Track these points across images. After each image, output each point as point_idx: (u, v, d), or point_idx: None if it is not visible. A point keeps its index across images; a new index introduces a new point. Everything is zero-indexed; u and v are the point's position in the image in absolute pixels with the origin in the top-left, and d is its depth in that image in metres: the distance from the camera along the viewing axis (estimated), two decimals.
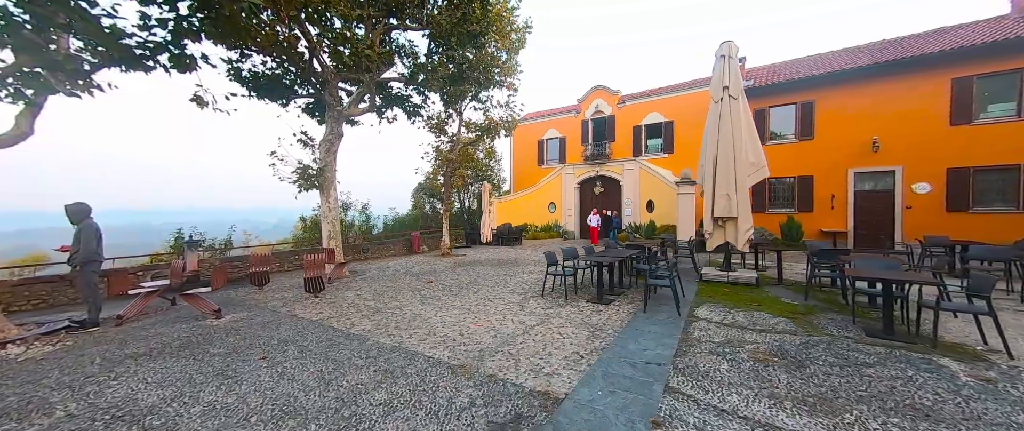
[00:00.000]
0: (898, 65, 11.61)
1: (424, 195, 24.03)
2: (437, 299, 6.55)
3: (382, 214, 16.07)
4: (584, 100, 19.43)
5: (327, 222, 9.17)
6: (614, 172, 17.93)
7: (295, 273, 9.82)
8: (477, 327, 4.89)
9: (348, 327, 5.06)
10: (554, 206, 20.10)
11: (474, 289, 7.31)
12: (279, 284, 8.41)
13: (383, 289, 7.58)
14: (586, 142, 19.28)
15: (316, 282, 6.79)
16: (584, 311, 5.49)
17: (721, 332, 4.41)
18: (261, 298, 7.06)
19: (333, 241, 9.19)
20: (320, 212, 10.04)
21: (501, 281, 8.06)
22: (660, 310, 5.43)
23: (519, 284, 7.65)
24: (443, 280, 8.42)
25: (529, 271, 9.25)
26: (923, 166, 11.36)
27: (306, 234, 13.53)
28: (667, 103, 16.75)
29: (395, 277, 8.98)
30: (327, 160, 9.12)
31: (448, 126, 13.70)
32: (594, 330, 4.62)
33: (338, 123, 9.28)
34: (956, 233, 10.28)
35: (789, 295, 6.18)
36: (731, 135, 7.20)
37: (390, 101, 10.77)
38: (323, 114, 10.18)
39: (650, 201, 16.55)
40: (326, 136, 9.21)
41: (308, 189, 8.84)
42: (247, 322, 5.42)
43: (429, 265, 10.86)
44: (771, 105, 14.04)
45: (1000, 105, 10.50)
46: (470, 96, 11.05)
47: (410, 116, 11.13)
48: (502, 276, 8.64)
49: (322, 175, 8.94)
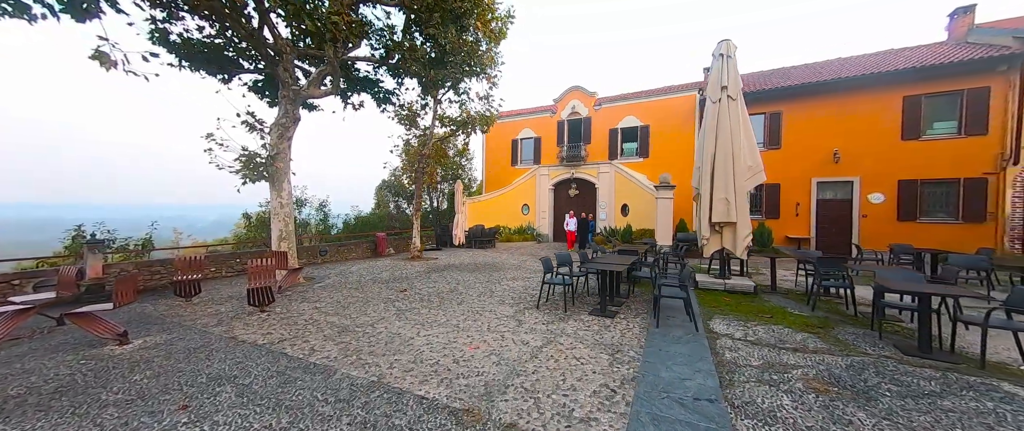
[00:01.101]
0: (857, 81, 12.32)
1: (388, 194, 22.45)
2: (416, 312, 5.58)
3: (343, 212, 14.52)
4: (561, 100, 19.07)
5: (278, 220, 7.79)
6: (590, 174, 17.68)
7: (237, 280, 8.28)
8: (474, 350, 4.05)
9: (307, 354, 3.99)
10: (528, 208, 19.51)
11: (457, 299, 6.41)
12: (214, 294, 6.93)
13: (348, 300, 6.44)
14: (562, 143, 18.91)
15: (263, 293, 5.55)
16: (590, 326, 4.83)
17: (753, 352, 3.93)
18: (189, 314, 5.66)
19: (285, 242, 7.83)
20: (269, 208, 8.59)
21: (486, 289, 7.22)
22: (671, 323, 4.91)
23: (507, 293, 6.87)
24: (419, 288, 7.41)
25: (512, 277, 8.48)
26: (878, 177, 12.11)
27: (250, 233, 11.75)
28: (643, 107, 16.82)
29: (361, 284, 7.81)
30: (280, 147, 7.76)
31: (420, 118, 12.61)
32: (612, 352, 3.96)
33: (294, 105, 7.94)
34: (905, 241, 11.00)
35: (792, 305, 5.96)
36: (730, 137, 6.94)
37: (357, 84, 9.52)
38: (275, 94, 8.75)
39: (625, 205, 16.45)
40: (279, 119, 7.84)
41: (255, 180, 7.43)
42: (165, 349, 4.14)
43: (399, 270, 9.73)
44: None
45: (944, 123, 11.43)
46: (450, 84, 10.11)
47: (380, 103, 9.94)
48: (485, 283, 7.80)
49: (273, 164, 7.57)
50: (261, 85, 8.82)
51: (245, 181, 7.37)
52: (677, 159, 15.76)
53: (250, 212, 11.59)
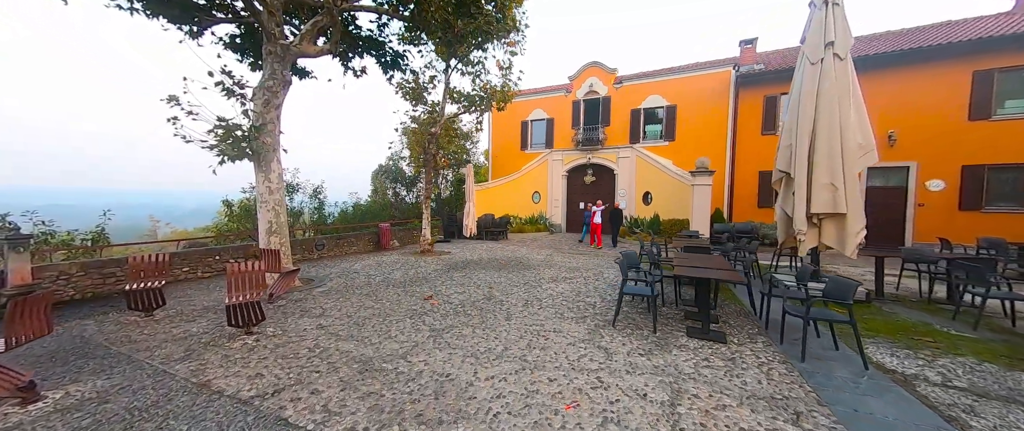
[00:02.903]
0: (920, 54, 11.03)
1: (386, 180, 20.74)
2: (456, 333, 4.18)
3: (340, 200, 12.86)
4: (577, 78, 17.43)
5: (267, 209, 6.22)
6: (608, 159, 16.29)
7: (215, 283, 6.73)
8: (572, 409, 2.68)
9: (320, 422, 2.57)
10: (539, 195, 18.10)
11: (501, 311, 5.02)
12: (185, 305, 5.39)
13: (362, 312, 4.99)
14: (577, 125, 17.37)
15: (249, 311, 4.06)
16: (710, 360, 3.50)
17: (987, 411, 2.65)
18: (145, 337, 4.14)
19: (276, 237, 6.28)
20: (255, 194, 7.00)
21: (528, 295, 5.84)
22: (820, 356, 3.62)
23: (558, 301, 5.49)
24: (446, 294, 5.99)
25: (552, 278, 7.11)
26: (938, 162, 10.98)
27: (232, 225, 10.07)
28: (670, 85, 15.32)
29: (372, 288, 6.35)
30: (266, 117, 6.13)
31: (427, 93, 10.95)
32: (789, 414, 2.63)
33: (283, 65, 6.28)
34: (967, 233, 9.95)
35: (931, 319, 4.73)
36: (837, 108, 5.57)
37: (359, 45, 7.83)
38: (258, 51, 7.05)
39: (647, 192, 15.15)
40: (264, 81, 6.18)
41: (235, 159, 5.82)
42: (92, 414, 2.67)
43: (412, 268, 8.27)
44: (783, 92, 13.10)
45: (1018, 101, 10.27)
46: (477, 42, 8.47)
47: (386, 69, 8.28)
48: (523, 287, 6.41)
49: (257, 138, 5.95)
50: (240, 41, 7.09)
51: (223, 159, 5.76)
52: (707, 143, 14.43)
53: (231, 199, 9.93)
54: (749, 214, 13.67)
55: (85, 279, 5.69)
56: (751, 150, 13.73)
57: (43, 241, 5.90)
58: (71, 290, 5.57)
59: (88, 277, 5.72)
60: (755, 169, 13.68)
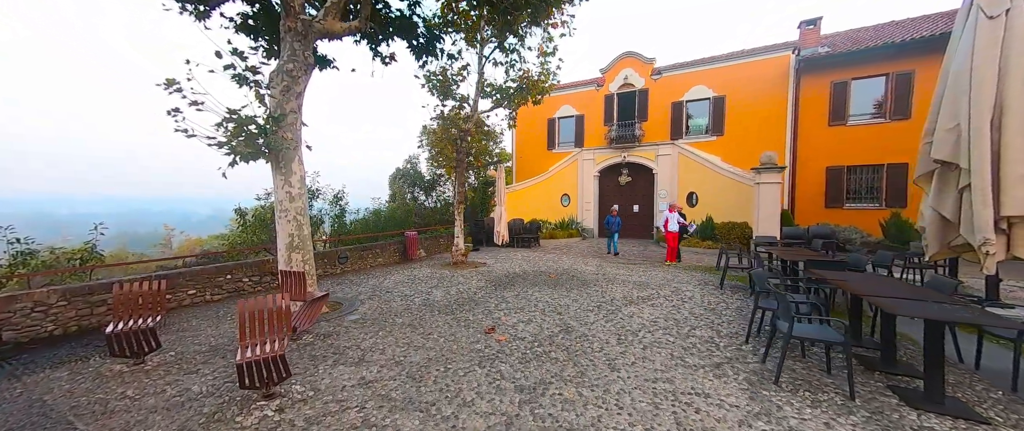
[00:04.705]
0: None
1: (404, 183, 19.67)
2: (554, 395, 2.92)
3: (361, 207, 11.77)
4: (609, 70, 16.12)
5: (287, 220, 5.07)
6: (645, 158, 14.94)
7: (226, 307, 5.60)
8: None
9: None
10: (568, 198, 16.84)
11: (595, 353, 3.75)
12: (187, 344, 4.23)
13: (414, 357, 3.77)
14: (610, 121, 16.05)
15: (269, 368, 2.85)
16: None
17: None
18: (124, 407, 2.97)
19: (298, 254, 5.11)
20: (273, 201, 5.90)
21: (614, 326, 4.55)
22: None
23: (655, 334, 4.20)
24: (507, 322, 4.75)
25: (625, 298, 5.80)
26: None
27: (245, 236, 9.02)
28: (717, 74, 13.91)
29: (414, 314, 5.13)
30: (286, 107, 5.00)
31: (456, 86, 9.81)
32: None
33: (304, 44, 5.16)
34: None
35: None
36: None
37: (388, 28, 6.70)
38: (273, 34, 5.96)
39: (692, 193, 13.75)
40: (283, 64, 5.05)
41: (250, 158, 4.69)
42: None
43: (452, 285, 7.05)
44: (854, 77, 11.63)
45: None
46: (531, 17, 7.27)
47: (419, 54, 7.13)
48: (596, 310, 5.12)
49: (275, 132, 4.82)
50: (253, 23, 6.02)
51: (234, 160, 4.64)
52: (762, 137, 12.96)
53: (244, 207, 8.88)
54: (815, 215, 12.16)
55: (68, 309, 4.60)
56: (816, 143, 12.23)
57: (20, 263, 4.87)
58: (50, 324, 4.49)
59: (72, 306, 4.63)
60: (821, 165, 12.18)
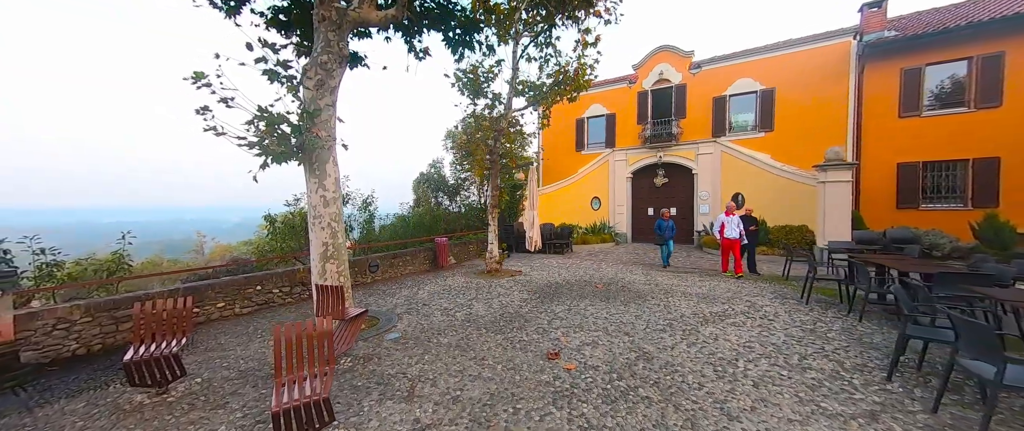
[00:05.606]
0: None
1: (428, 188, 19.34)
2: None
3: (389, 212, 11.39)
4: (643, 65, 15.28)
5: (321, 226, 4.59)
6: (684, 157, 14.00)
7: (256, 320, 5.16)
8: None
9: None
10: (599, 202, 16.04)
11: (694, 391, 3.03)
12: (213, 370, 3.76)
13: (472, 391, 3.15)
14: (644, 120, 15.17)
15: (309, 414, 2.28)
16: None
17: None
18: None
19: (333, 264, 4.61)
20: (306, 206, 5.46)
21: (700, 352, 3.80)
22: None
23: (758, 364, 3.43)
24: (568, 345, 4.07)
25: (696, 315, 5.02)
26: None
27: (275, 244, 8.72)
28: (764, 65, 12.88)
29: (458, 332, 4.53)
30: (321, 102, 4.53)
31: (487, 84, 9.27)
32: None
33: (339, 34, 4.70)
34: None
35: None
36: None
37: (424, 20, 6.21)
38: (306, 29, 5.57)
39: (738, 194, 12.70)
40: (317, 56, 4.61)
41: (282, 160, 4.24)
42: None
43: (490, 295, 6.43)
44: (928, 62, 10.42)
45: None
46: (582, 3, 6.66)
47: (455, 48, 6.63)
48: (669, 330, 4.38)
49: (310, 130, 4.35)
50: (285, 17, 5.65)
51: (266, 161, 4.19)
52: (819, 131, 11.82)
53: (274, 214, 8.60)
54: (884, 218, 10.89)
55: (91, 326, 4.24)
56: (885, 138, 11.02)
57: (46, 275, 4.58)
58: (73, 343, 4.13)
59: (96, 323, 4.27)
60: (892, 161, 10.94)
